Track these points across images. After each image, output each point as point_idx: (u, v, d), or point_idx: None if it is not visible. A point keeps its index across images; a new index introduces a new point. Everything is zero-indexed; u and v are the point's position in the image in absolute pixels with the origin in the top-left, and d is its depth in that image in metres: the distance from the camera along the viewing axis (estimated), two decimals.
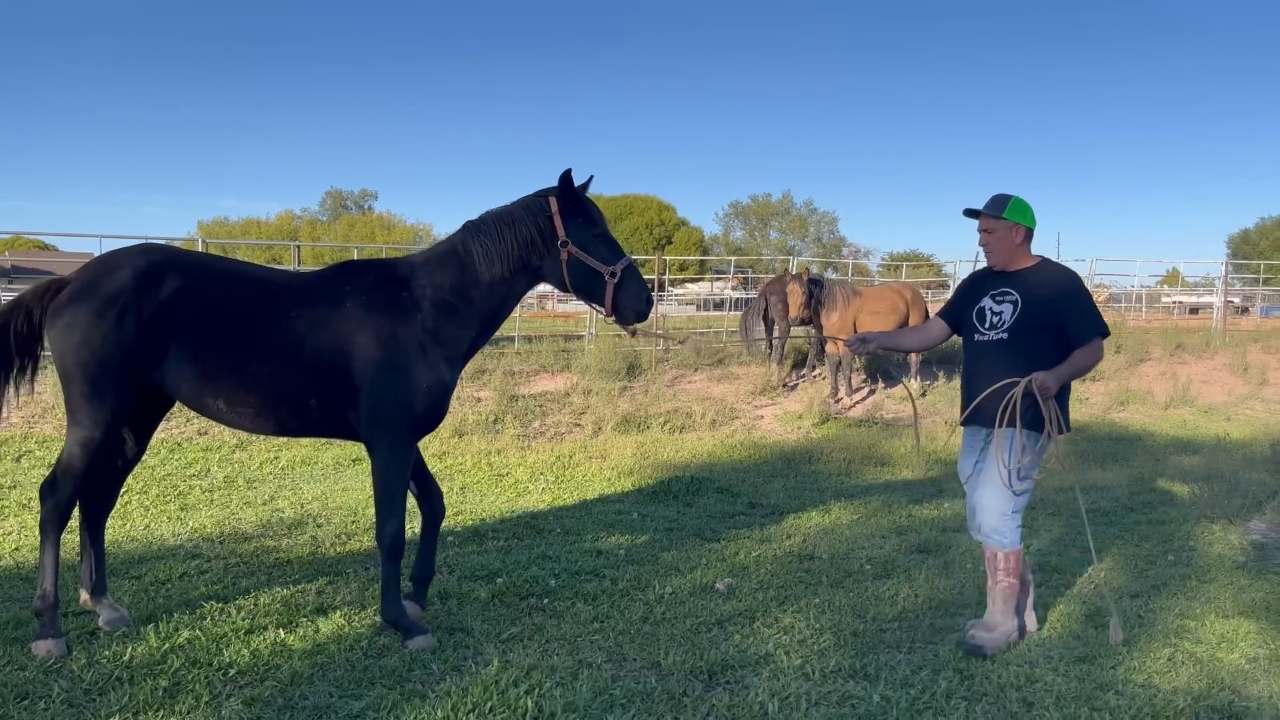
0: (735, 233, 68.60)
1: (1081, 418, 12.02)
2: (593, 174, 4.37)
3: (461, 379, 10.09)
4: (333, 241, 50.80)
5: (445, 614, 4.51)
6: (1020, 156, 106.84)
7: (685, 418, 11.22)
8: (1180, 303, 31.26)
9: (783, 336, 13.42)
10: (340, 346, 4.02)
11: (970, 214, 4.37)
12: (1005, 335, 4.23)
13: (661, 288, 19.08)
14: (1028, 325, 4.18)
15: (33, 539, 5.54)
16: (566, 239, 4.18)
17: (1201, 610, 4.83)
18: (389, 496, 4.13)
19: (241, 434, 9.03)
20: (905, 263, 38.43)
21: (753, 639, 4.27)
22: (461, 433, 9.95)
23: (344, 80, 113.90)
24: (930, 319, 4.74)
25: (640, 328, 4.51)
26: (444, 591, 4.79)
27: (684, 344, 13.64)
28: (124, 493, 6.22)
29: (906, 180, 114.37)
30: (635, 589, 4.98)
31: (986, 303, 4.34)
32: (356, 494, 7.32)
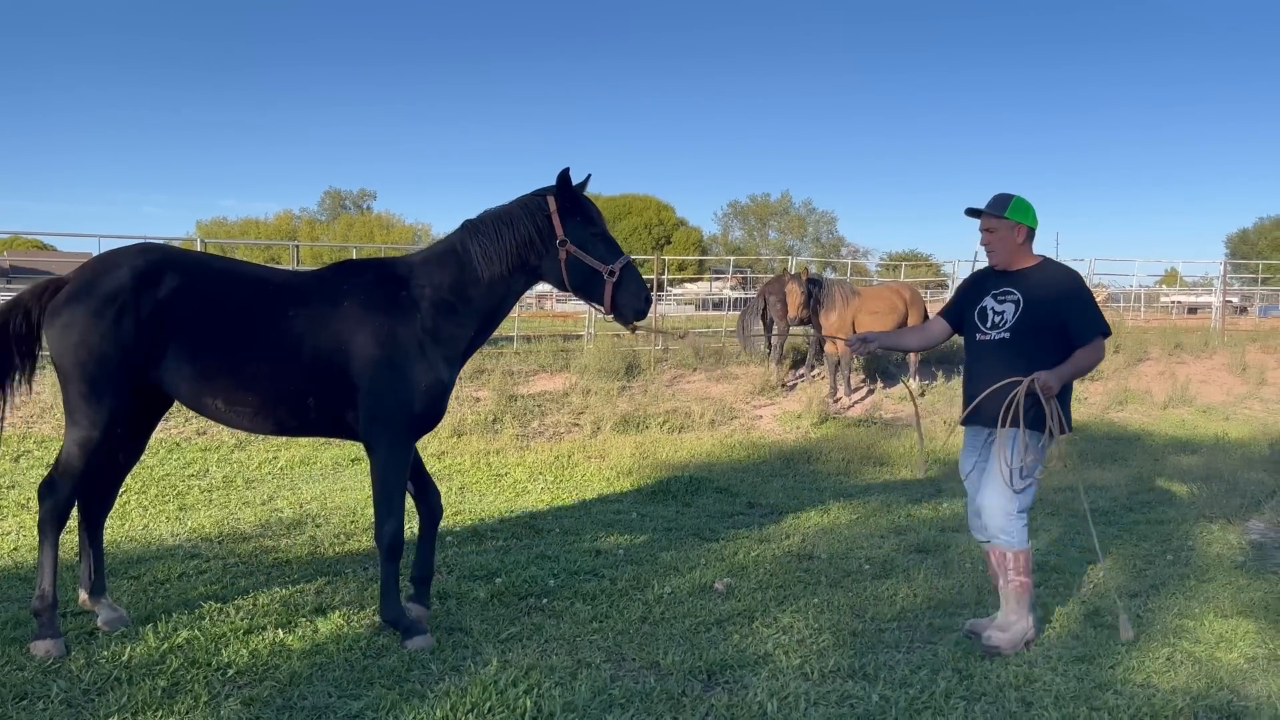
0: (734, 232, 68.67)
1: (1080, 417, 12.01)
2: (590, 173, 4.37)
3: (460, 379, 10.11)
4: (331, 241, 50.77)
5: (444, 614, 4.51)
6: (1020, 156, 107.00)
7: (684, 417, 11.22)
8: (1179, 302, 31.21)
9: (782, 336, 13.42)
10: (339, 346, 4.02)
11: (972, 213, 4.37)
12: (1007, 335, 4.23)
13: (660, 287, 19.08)
14: (1029, 325, 4.18)
15: (31, 539, 5.54)
16: (565, 238, 4.17)
17: (1200, 610, 4.83)
18: (387, 496, 4.13)
19: (240, 434, 9.03)
20: (904, 262, 38.41)
21: (751, 639, 4.27)
22: (460, 432, 9.94)
23: (343, 80, 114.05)
24: (931, 319, 4.74)
25: (639, 325, 4.51)
26: (443, 591, 4.79)
27: (684, 338, 13.64)
28: (122, 493, 6.22)
29: (906, 180, 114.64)
30: (634, 589, 4.98)
31: (988, 302, 4.34)
32: (355, 494, 7.32)
